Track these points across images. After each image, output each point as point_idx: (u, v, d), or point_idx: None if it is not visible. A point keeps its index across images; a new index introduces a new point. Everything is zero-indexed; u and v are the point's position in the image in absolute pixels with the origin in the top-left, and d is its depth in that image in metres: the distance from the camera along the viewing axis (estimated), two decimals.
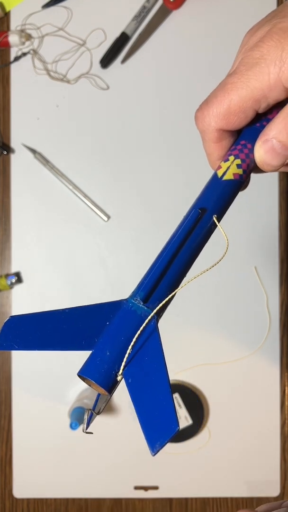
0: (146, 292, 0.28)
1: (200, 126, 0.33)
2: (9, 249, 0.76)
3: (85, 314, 0.28)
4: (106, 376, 0.26)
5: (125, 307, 0.28)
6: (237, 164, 0.32)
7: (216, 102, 0.31)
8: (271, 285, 0.75)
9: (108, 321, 0.27)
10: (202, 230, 0.31)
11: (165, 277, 0.29)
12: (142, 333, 0.27)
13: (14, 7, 0.75)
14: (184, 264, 0.30)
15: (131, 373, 0.26)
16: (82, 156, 0.76)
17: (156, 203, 0.75)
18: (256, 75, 0.29)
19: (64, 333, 0.27)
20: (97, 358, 0.26)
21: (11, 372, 0.75)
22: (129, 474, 0.75)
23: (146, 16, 0.75)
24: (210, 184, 0.33)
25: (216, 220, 0.31)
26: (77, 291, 0.75)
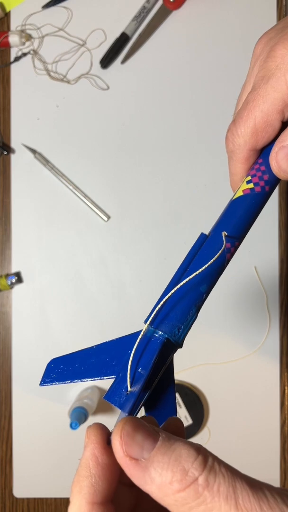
0: (153, 317, 0.30)
1: (230, 146, 0.33)
2: (9, 249, 0.76)
3: (109, 348, 0.31)
4: (119, 396, 0.28)
5: (138, 333, 0.30)
6: (247, 181, 0.32)
7: (242, 122, 0.31)
8: (271, 285, 0.75)
9: (129, 350, 0.30)
10: (209, 251, 0.31)
11: (169, 300, 0.30)
12: (146, 350, 0.29)
13: (14, 7, 0.75)
14: (191, 284, 0.31)
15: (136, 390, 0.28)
16: (82, 156, 0.76)
17: (156, 203, 0.75)
18: (273, 86, 0.29)
19: (92, 366, 0.30)
20: (115, 385, 0.29)
21: (11, 372, 0.75)
22: None
23: (146, 16, 0.75)
24: (226, 207, 0.33)
25: (225, 237, 0.31)
26: (77, 291, 0.75)
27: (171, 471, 0.20)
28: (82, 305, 0.76)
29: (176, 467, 0.20)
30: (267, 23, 0.75)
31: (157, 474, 0.21)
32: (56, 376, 0.32)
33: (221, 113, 0.75)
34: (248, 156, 0.32)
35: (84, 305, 0.76)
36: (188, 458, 0.21)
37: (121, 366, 0.29)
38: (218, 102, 0.75)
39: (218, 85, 0.76)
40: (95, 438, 0.23)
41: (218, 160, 0.75)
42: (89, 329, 0.76)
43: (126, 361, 0.29)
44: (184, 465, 0.20)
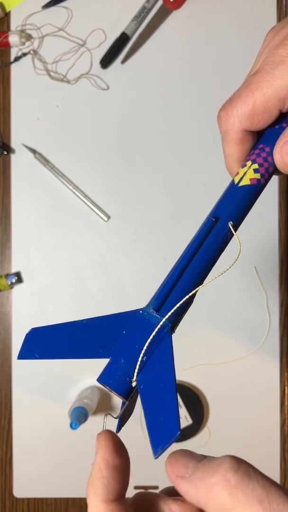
0: (158, 301, 0.29)
1: (223, 127, 0.32)
2: (9, 249, 0.76)
3: (103, 324, 0.29)
4: (121, 382, 0.27)
5: (139, 316, 0.29)
6: (254, 169, 0.31)
7: (240, 102, 0.30)
8: (271, 285, 0.75)
9: (124, 330, 0.28)
10: (217, 238, 0.30)
11: (178, 286, 0.30)
12: (154, 340, 0.28)
13: (14, 7, 0.75)
14: (197, 273, 0.30)
15: (144, 379, 0.27)
16: (82, 156, 0.76)
17: (156, 203, 0.75)
18: (281, 73, 0.29)
19: (82, 342, 0.28)
20: (113, 366, 0.28)
21: (11, 372, 0.75)
22: None
23: (146, 16, 0.75)
24: (227, 191, 0.32)
25: (232, 227, 0.30)
26: (77, 291, 0.75)
27: (211, 477, 0.23)
28: (82, 305, 0.76)
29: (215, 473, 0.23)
30: (267, 23, 0.75)
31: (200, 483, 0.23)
32: (38, 350, 0.29)
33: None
34: (242, 137, 0.31)
35: (84, 305, 0.76)
36: (227, 467, 0.23)
37: (118, 348, 0.28)
38: (218, 102, 0.75)
39: (218, 85, 0.76)
40: (104, 444, 0.26)
41: (218, 159, 0.75)
42: None
43: (124, 343, 0.28)
44: (222, 472, 0.23)
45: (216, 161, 0.75)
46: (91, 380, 0.75)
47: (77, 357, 0.28)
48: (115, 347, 0.28)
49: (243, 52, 0.75)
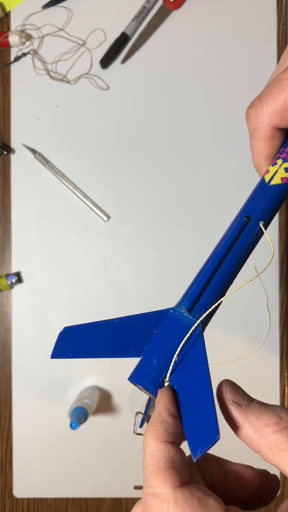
0: (191, 302, 0.29)
1: (253, 124, 0.31)
2: (9, 249, 0.76)
3: (133, 323, 0.29)
4: (153, 382, 0.28)
5: (171, 316, 0.29)
6: (285, 167, 0.31)
7: (270, 99, 0.30)
8: (271, 285, 0.75)
9: (155, 330, 0.28)
10: (248, 237, 0.30)
11: (210, 286, 0.29)
12: (187, 341, 0.28)
13: (14, 7, 0.75)
14: (229, 273, 0.30)
15: (177, 380, 0.27)
16: (82, 156, 0.76)
17: (156, 203, 0.75)
18: None
19: (113, 342, 0.29)
20: (145, 365, 0.28)
21: (11, 372, 0.75)
22: (129, 474, 0.75)
23: (146, 16, 0.75)
24: (257, 189, 0.32)
25: (263, 227, 0.30)
26: (77, 291, 0.75)
27: (268, 416, 0.25)
28: (82, 305, 0.76)
29: (272, 414, 0.25)
30: (267, 23, 0.75)
31: (254, 417, 0.25)
32: (71, 349, 0.29)
33: (221, 113, 0.75)
34: (272, 134, 0.31)
35: (84, 305, 0.76)
36: (283, 410, 0.25)
37: (150, 348, 0.28)
38: (218, 101, 0.75)
39: (218, 84, 0.76)
40: (167, 395, 0.27)
41: (218, 160, 0.75)
42: None
43: (156, 343, 0.28)
44: (279, 413, 0.24)
45: (216, 162, 0.75)
46: (91, 380, 0.75)
47: (109, 356, 0.28)
48: (147, 347, 0.28)
49: (243, 52, 0.75)
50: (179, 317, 0.28)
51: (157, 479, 0.24)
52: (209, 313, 0.29)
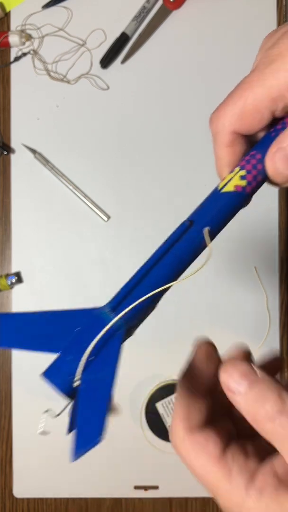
0: (116, 301, 0.28)
1: (214, 128, 0.31)
2: (9, 249, 0.76)
3: (57, 318, 0.28)
4: (64, 380, 0.27)
5: (95, 314, 0.28)
6: (240, 175, 0.30)
7: (231, 102, 0.30)
8: (271, 285, 0.75)
9: (79, 327, 0.28)
10: (189, 243, 0.29)
11: (139, 287, 0.28)
12: (104, 340, 0.27)
13: (14, 7, 0.75)
14: (161, 277, 0.28)
15: (87, 379, 0.27)
16: (82, 156, 0.76)
17: (157, 203, 0.75)
18: (273, 72, 0.27)
19: (34, 334, 0.28)
20: (58, 362, 0.27)
21: (11, 372, 0.75)
22: (129, 474, 0.75)
23: (146, 16, 0.75)
24: (209, 195, 0.31)
25: (208, 233, 0.29)
26: (77, 291, 0.75)
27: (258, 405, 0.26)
28: (82, 305, 0.75)
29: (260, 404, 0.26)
30: (267, 23, 0.75)
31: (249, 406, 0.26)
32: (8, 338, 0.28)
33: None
34: (232, 139, 0.30)
35: (84, 305, 0.75)
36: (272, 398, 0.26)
37: (68, 344, 0.27)
38: (219, 101, 0.75)
39: (218, 84, 0.76)
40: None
41: None
42: None
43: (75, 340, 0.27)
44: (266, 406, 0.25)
45: None
46: None
47: (26, 348, 0.28)
48: (66, 343, 0.27)
49: (243, 51, 0.75)
50: (102, 316, 0.28)
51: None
52: (133, 314, 0.27)
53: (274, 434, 0.25)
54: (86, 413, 0.27)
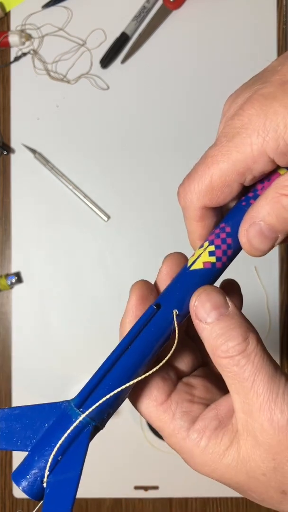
0: (81, 397, 0.27)
1: (182, 203, 0.30)
2: (9, 249, 0.76)
3: (27, 415, 0.27)
4: (32, 483, 0.26)
5: (63, 410, 0.27)
6: (209, 251, 0.28)
7: (197, 177, 0.29)
8: (271, 285, 0.75)
9: (47, 423, 0.27)
10: (157, 328, 0.27)
11: (104, 381, 0.27)
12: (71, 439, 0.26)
13: (14, 7, 0.75)
14: (129, 367, 0.27)
15: (53, 481, 0.26)
16: (82, 156, 0.76)
17: (157, 203, 0.75)
18: (237, 146, 0.26)
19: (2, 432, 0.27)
20: (26, 463, 0.26)
21: (11, 371, 0.75)
22: (129, 474, 0.75)
23: (146, 16, 0.75)
24: (178, 275, 0.29)
25: (176, 316, 0.27)
26: (77, 291, 0.75)
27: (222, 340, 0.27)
28: (82, 305, 0.76)
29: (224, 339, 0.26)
30: (267, 23, 0.75)
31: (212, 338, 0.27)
32: None
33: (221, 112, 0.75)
34: (202, 214, 0.29)
35: (84, 305, 0.76)
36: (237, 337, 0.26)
37: (36, 443, 0.26)
38: (218, 101, 0.75)
39: (218, 84, 0.76)
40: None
41: None
42: (89, 329, 0.76)
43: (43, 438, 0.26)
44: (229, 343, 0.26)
45: None
46: None
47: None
48: (34, 442, 0.26)
49: (243, 52, 0.75)
50: (69, 412, 0.27)
51: None
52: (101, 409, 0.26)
53: (229, 371, 0.26)
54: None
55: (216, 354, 0.27)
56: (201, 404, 0.29)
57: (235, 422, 0.27)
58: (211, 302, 0.27)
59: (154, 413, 0.29)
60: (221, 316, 0.27)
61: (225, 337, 0.26)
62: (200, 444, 0.27)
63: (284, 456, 0.25)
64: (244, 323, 0.27)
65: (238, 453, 0.26)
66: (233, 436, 0.27)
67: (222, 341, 0.26)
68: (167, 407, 0.29)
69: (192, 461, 0.29)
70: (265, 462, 0.25)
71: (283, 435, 0.25)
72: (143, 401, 0.30)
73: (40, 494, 0.26)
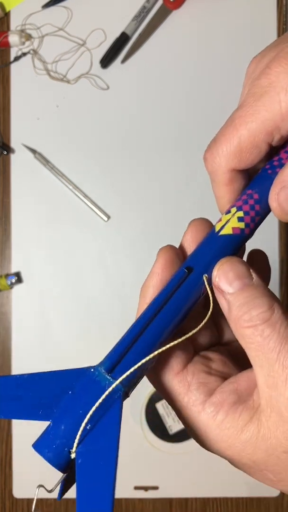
0: (112, 361, 0.25)
1: (210, 168, 0.30)
2: (9, 249, 0.76)
3: (47, 381, 0.26)
4: (58, 453, 0.24)
5: (89, 376, 0.25)
6: (238, 217, 0.28)
7: (225, 140, 0.28)
8: (271, 285, 0.75)
9: (71, 391, 0.25)
10: (188, 292, 0.27)
11: (136, 345, 0.26)
12: (102, 406, 0.24)
13: (14, 7, 0.75)
14: (160, 332, 0.26)
15: (85, 451, 0.24)
16: (82, 156, 0.76)
17: (157, 203, 0.75)
18: (265, 105, 0.26)
19: (20, 401, 0.25)
20: (51, 432, 0.25)
21: (11, 371, 0.75)
22: (129, 474, 0.75)
23: (146, 16, 0.75)
24: (206, 239, 0.29)
25: (207, 281, 0.27)
26: (77, 291, 0.75)
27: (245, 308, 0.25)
28: (82, 305, 0.76)
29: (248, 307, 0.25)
30: (268, 23, 0.75)
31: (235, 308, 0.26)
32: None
33: (222, 113, 0.75)
34: (231, 177, 0.29)
35: (84, 305, 0.75)
36: (262, 306, 0.25)
37: (60, 411, 0.25)
38: (219, 101, 0.75)
39: (219, 84, 0.76)
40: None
41: None
42: (89, 329, 0.75)
43: (68, 406, 0.24)
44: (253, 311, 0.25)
45: None
46: None
47: (13, 417, 0.25)
48: (57, 410, 0.25)
49: (243, 51, 0.75)
50: (97, 378, 0.25)
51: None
52: (130, 375, 0.25)
53: (252, 341, 0.25)
54: (88, 490, 0.24)
55: (239, 324, 0.25)
56: (219, 377, 0.28)
57: (257, 398, 0.25)
58: (234, 272, 0.26)
59: (169, 383, 0.27)
60: (244, 286, 0.26)
61: (248, 306, 0.25)
62: (216, 418, 0.25)
63: None
64: (269, 294, 0.26)
65: (258, 429, 0.25)
66: (254, 412, 0.25)
67: (245, 310, 0.25)
68: (182, 377, 0.27)
69: (205, 437, 0.26)
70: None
71: None
72: (158, 369, 0.27)
73: (66, 465, 0.25)
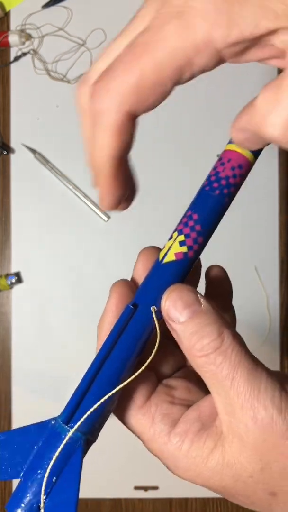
0: (68, 412, 0.25)
1: (98, 105, 0.22)
2: (9, 249, 0.76)
3: (14, 439, 0.25)
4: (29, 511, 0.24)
5: (51, 429, 0.25)
6: (180, 241, 0.27)
7: (122, 72, 0.21)
8: (271, 285, 0.75)
9: (36, 445, 0.25)
10: (136, 329, 0.26)
11: (90, 391, 0.25)
12: (62, 458, 0.24)
13: (14, 7, 0.75)
14: (113, 373, 0.26)
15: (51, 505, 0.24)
16: (82, 156, 0.75)
17: (157, 203, 0.75)
18: (177, 30, 0.20)
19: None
20: (20, 490, 0.24)
21: (11, 372, 0.75)
22: (129, 474, 0.75)
23: None
24: (152, 269, 0.28)
25: (155, 313, 0.26)
26: (77, 291, 0.75)
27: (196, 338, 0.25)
28: (82, 305, 0.76)
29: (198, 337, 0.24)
30: None
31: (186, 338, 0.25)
32: None
33: (222, 112, 0.75)
34: (123, 123, 0.22)
35: (84, 305, 0.75)
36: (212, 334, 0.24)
37: (28, 467, 0.24)
38: (219, 101, 0.75)
39: (218, 84, 0.75)
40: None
41: None
42: (89, 329, 0.75)
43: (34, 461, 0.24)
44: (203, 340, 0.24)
45: None
46: None
47: None
48: (25, 466, 0.24)
49: None
50: (58, 430, 0.25)
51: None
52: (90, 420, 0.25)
53: (206, 370, 0.24)
54: None
55: (192, 353, 0.25)
56: (182, 406, 0.27)
57: (219, 424, 0.25)
58: (183, 300, 0.25)
59: (133, 417, 0.27)
60: (194, 314, 0.25)
61: (199, 335, 0.24)
62: (182, 448, 0.25)
63: (271, 456, 0.23)
64: (219, 319, 0.25)
65: (223, 456, 0.24)
66: (217, 439, 0.25)
67: (196, 339, 0.24)
68: (146, 410, 0.27)
69: (175, 467, 0.27)
70: (251, 463, 0.24)
71: (268, 433, 0.23)
72: (121, 405, 0.27)
73: None
